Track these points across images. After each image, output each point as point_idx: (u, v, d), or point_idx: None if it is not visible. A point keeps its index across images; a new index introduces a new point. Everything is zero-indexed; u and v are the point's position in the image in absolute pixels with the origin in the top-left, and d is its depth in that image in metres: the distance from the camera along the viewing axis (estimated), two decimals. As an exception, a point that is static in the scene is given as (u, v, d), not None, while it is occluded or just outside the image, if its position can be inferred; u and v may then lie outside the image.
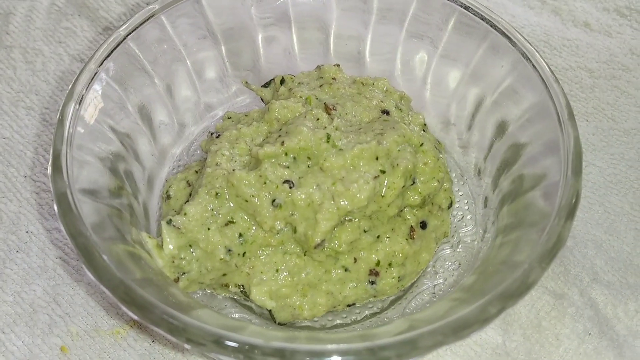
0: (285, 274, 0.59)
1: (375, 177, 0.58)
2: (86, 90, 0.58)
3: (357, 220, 0.59)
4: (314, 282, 0.59)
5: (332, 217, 0.56)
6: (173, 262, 0.57)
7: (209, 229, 0.58)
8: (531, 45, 0.62)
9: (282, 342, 0.46)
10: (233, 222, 0.58)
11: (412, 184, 0.61)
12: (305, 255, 0.59)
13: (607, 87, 0.81)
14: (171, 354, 0.62)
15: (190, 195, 0.63)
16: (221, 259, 0.57)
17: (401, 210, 0.61)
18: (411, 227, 0.62)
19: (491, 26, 0.64)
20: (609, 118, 0.79)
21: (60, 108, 0.57)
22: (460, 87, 0.68)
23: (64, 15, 0.84)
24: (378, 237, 0.60)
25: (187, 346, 0.47)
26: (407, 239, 0.61)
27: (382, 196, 0.58)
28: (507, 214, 0.59)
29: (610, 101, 0.80)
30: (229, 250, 0.58)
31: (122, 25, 0.63)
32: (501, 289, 0.48)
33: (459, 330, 0.47)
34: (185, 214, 0.57)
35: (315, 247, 0.57)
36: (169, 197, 0.63)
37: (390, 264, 0.60)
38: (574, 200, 0.52)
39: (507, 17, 0.87)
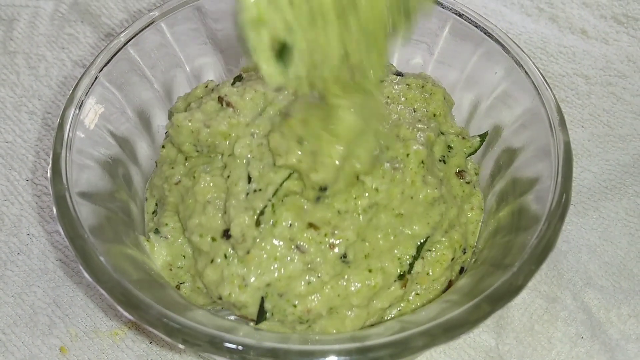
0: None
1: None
2: (86, 95, 0.59)
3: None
4: None
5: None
6: (171, 270, 0.58)
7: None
8: (524, 52, 0.62)
9: (276, 342, 0.47)
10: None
11: None
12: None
13: (603, 94, 0.82)
14: (168, 355, 0.63)
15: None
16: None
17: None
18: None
19: (485, 33, 0.65)
20: (605, 124, 0.79)
21: (61, 113, 0.58)
22: (456, 93, 0.69)
23: (67, 22, 0.86)
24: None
25: (182, 347, 0.48)
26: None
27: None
28: (499, 217, 0.60)
29: (606, 107, 0.81)
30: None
31: (122, 32, 0.64)
32: (491, 291, 0.49)
33: (449, 331, 0.47)
34: (165, 224, 0.59)
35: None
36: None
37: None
38: (563, 205, 0.52)
39: (504, 24, 0.87)
